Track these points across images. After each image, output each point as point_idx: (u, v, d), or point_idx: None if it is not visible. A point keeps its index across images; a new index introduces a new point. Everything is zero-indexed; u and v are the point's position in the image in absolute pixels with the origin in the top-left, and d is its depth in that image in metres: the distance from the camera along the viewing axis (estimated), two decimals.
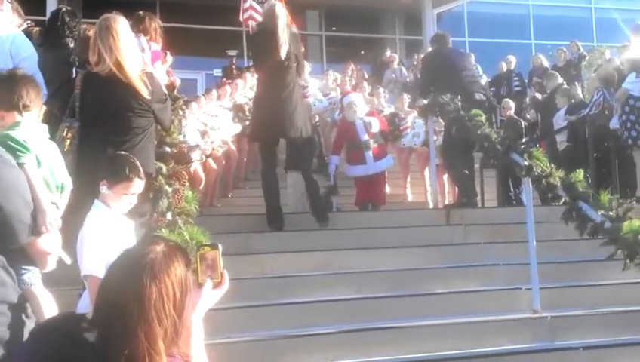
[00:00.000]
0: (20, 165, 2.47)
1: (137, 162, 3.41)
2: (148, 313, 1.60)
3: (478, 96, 7.51)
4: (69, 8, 5.60)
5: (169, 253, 1.70)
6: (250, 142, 9.73)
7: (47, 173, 2.81)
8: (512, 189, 9.39)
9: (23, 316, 2.22)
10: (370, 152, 8.39)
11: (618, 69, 9.16)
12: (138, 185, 3.35)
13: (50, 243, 2.40)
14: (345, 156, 8.84)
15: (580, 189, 4.91)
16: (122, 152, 3.61)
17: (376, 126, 8.49)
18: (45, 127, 2.98)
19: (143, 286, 1.62)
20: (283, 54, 6.21)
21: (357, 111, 8.47)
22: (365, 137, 8.36)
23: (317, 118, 9.80)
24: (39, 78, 3.65)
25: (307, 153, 6.67)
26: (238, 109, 9.59)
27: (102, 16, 4.19)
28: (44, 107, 2.91)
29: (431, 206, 8.50)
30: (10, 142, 2.63)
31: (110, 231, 3.16)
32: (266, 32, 6.32)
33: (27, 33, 4.76)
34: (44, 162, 2.79)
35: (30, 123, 2.82)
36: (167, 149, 4.37)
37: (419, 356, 4.61)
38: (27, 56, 3.86)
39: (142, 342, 1.58)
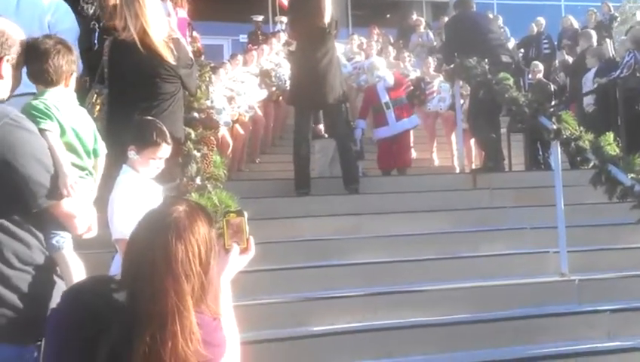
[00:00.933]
0: (41, 131, 2.50)
1: (164, 127, 3.45)
2: (175, 270, 1.64)
3: (505, 58, 7.40)
4: None
5: (192, 212, 1.75)
6: (281, 107, 9.81)
7: (73, 138, 2.84)
8: (540, 153, 9.30)
9: (54, 276, 2.28)
10: (392, 112, 8.40)
11: None
12: (165, 149, 3.39)
13: (74, 205, 2.44)
14: (371, 121, 8.87)
15: (610, 152, 4.85)
16: (150, 117, 3.64)
17: (390, 78, 8.48)
18: (74, 94, 3.02)
19: (168, 244, 1.66)
20: (327, 20, 6.19)
21: (377, 73, 8.47)
22: (386, 98, 8.37)
23: None
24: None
25: (343, 119, 6.67)
26: (264, 75, 9.57)
27: None
28: (75, 73, 2.92)
29: (457, 170, 8.46)
30: (31, 110, 2.67)
31: (139, 195, 3.22)
32: None
33: None
34: (70, 128, 2.83)
35: (57, 91, 2.85)
36: (196, 115, 4.41)
37: (446, 318, 4.66)
38: (64, 29, 3.86)
39: (171, 298, 1.62)
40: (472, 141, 8.90)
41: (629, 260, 5.37)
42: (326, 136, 7.58)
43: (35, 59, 2.77)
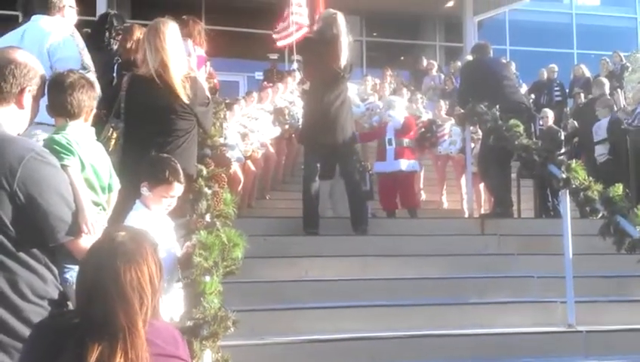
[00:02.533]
0: (64, 167, 2.55)
1: (178, 165, 3.50)
2: (125, 293, 1.72)
3: (519, 105, 7.46)
4: (116, 12, 5.75)
5: (135, 236, 1.84)
6: (293, 144, 9.89)
7: (91, 174, 2.89)
8: (550, 199, 9.29)
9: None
10: (393, 150, 8.46)
11: None
12: (178, 188, 3.44)
13: (90, 241, 2.48)
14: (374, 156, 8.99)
15: (619, 204, 4.85)
16: (164, 155, 3.70)
17: (400, 117, 8.56)
18: (92, 129, 3.08)
19: (117, 268, 1.74)
20: (343, 64, 6.28)
21: (392, 111, 8.60)
22: (390, 135, 8.46)
23: None
24: None
25: (353, 160, 6.73)
26: (278, 112, 9.69)
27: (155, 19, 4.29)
28: (94, 109, 2.99)
29: (466, 214, 8.47)
30: (54, 145, 2.73)
31: (150, 232, 3.26)
32: (326, 40, 6.34)
33: None
34: (89, 164, 2.88)
35: (77, 126, 2.91)
36: (208, 151, 4.46)
37: None
38: (62, 58, 3.91)
39: (120, 320, 1.70)
40: (482, 185, 8.92)
41: (637, 313, 5.32)
42: (326, 175, 7.61)
43: (58, 92, 2.84)
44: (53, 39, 4.02)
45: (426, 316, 5.15)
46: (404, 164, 8.58)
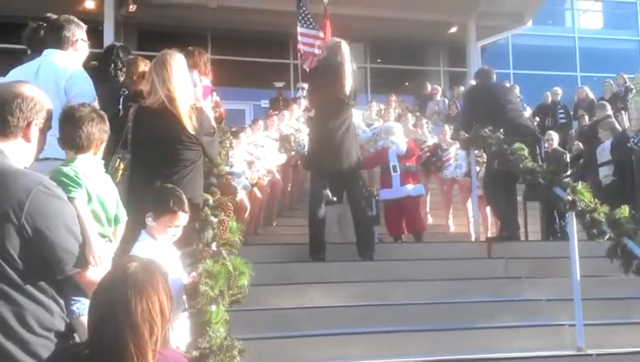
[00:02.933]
0: (70, 199, 2.58)
1: (182, 195, 3.53)
2: (136, 323, 1.75)
3: (524, 129, 7.49)
4: (122, 44, 5.83)
5: (147, 266, 1.87)
6: (299, 171, 9.94)
7: (97, 206, 2.92)
8: (557, 221, 9.27)
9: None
10: (398, 176, 8.50)
11: None
12: (183, 218, 3.46)
13: (99, 275, 2.50)
14: (379, 182, 8.98)
15: (626, 225, 4.84)
16: (169, 185, 3.73)
17: (402, 146, 8.60)
18: (101, 161, 3.12)
19: (129, 299, 1.77)
20: (347, 91, 6.35)
21: (391, 138, 8.66)
22: (394, 162, 8.51)
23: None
24: None
25: (359, 185, 6.75)
26: (284, 140, 9.75)
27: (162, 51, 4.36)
28: (104, 142, 3.04)
29: (473, 238, 8.45)
30: (62, 178, 2.76)
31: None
32: (331, 68, 6.42)
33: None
34: (95, 196, 2.91)
35: (86, 158, 2.94)
36: (214, 180, 4.50)
37: None
38: (78, 93, 3.95)
39: (130, 351, 1.72)
40: (488, 208, 8.92)
41: None
42: (334, 200, 7.63)
43: (69, 124, 2.89)
44: (68, 75, 4.05)
45: (434, 341, 5.12)
46: (411, 189, 8.62)
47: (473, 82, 9.49)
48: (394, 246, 7.88)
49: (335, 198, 7.59)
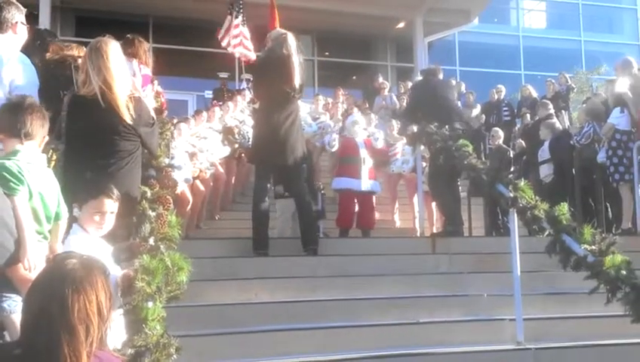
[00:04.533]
0: (9, 195, 2.47)
1: (109, 183, 3.41)
2: (71, 322, 1.67)
3: (458, 125, 7.57)
4: (47, 28, 5.61)
5: (86, 263, 1.79)
6: (243, 164, 9.82)
7: (38, 203, 2.81)
8: (500, 217, 9.43)
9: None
10: (367, 169, 8.47)
11: (606, 103, 9.25)
12: (108, 204, 3.33)
13: (32, 272, 2.38)
14: (336, 171, 8.88)
15: (564, 222, 4.92)
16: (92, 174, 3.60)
17: (381, 141, 8.63)
18: (44, 156, 2.99)
19: (65, 296, 1.69)
20: (296, 84, 6.24)
21: (359, 130, 8.69)
22: (365, 154, 8.46)
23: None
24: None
25: (302, 179, 6.67)
26: (227, 132, 9.62)
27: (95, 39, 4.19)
28: (46, 137, 2.92)
29: (418, 233, 8.51)
30: (3, 172, 2.63)
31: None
32: (277, 60, 6.29)
33: None
34: (37, 193, 2.80)
35: (29, 152, 2.82)
36: (153, 173, 4.35)
37: None
38: (20, 86, 3.82)
39: (63, 351, 1.64)
40: (434, 204, 8.99)
41: (583, 329, 5.39)
42: (286, 195, 7.57)
43: (16, 112, 2.76)
44: (9, 65, 3.90)
45: (377, 336, 5.11)
46: (374, 186, 8.62)
47: (417, 78, 9.62)
48: (339, 241, 7.84)
49: (287, 193, 7.53)
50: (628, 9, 27.24)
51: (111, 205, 3.34)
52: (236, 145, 9.54)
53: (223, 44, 12.65)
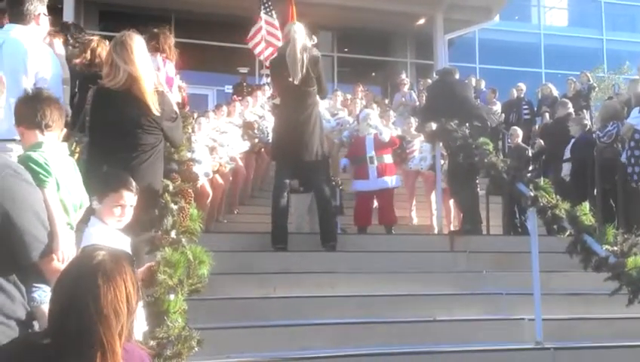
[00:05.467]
0: (41, 187, 2.50)
1: (127, 174, 3.43)
2: (104, 311, 1.71)
3: (476, 123, 7.53)
4: (74, 22, 5.66)
5: (115, 255, 1.83)
6: (263, 159, 9.85)
7: (65, 194, 2.84)
8: (517, 216, 9.37)
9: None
10: (375, 168, 8.44)
11: (628, 102, 9.15)
12: (128, 197, 3.35)
13: (65, 263, 2.42)
14: (352, 172, 8.90)
15: (585, 223, 4.88)
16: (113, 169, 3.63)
17: (387, 134, 8.59)
18: (65, 145, 3.02)
19: (97, 286, 1.73)
20: (297, 80, 6.25)
21: (370, 125, 8.60)
22: (371, 153, 8.44)
23: None
24: (62, 97, 3.68)
25: (321, 174, 6.68)
26: (247, 127, 9.65)
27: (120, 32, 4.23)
28: (64, 129, 2.94)
29: (436, 230, 8.49)
30: (32, 164, 2.66)
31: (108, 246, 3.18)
32: (284, 57, 6.36)
33: None
34: (63, 184, 2.83)
35: (51, 143, 2.85)
36: (175, 166, 4.38)
37: None
38: (44, 78, 3.85)
39: (99, 338, 1.68)
40: (452, 201, 8.96)
41: (603, 330, 5.37)
42: (301, 190, 7.58)
43: (35, 103, 2.80)
44: (34, 57, 3.93)
45: (396, 333, 5.12)
46: (389, 181, 8.58)
47: (435, 77, 9.60)
48: (357, 237, 7.85)
49: (302, 188, 7.54)
50: None
51: (130, 198, 3.36)
52: (256, 140, 9.57)
53: (250, 45, 12.76)
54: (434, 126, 7.59)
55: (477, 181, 7.79)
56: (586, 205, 5.10)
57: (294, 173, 6.97)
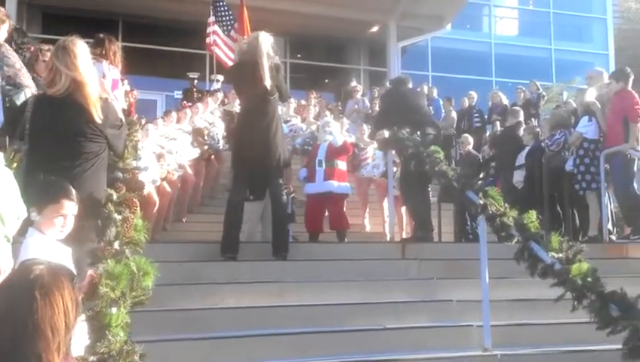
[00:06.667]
0: None
1: (67, 184, 3.34)
2: (41, 327, 1.65)
3: (430, 131, 7.61)
4: (17, 26, 5.50)
5: (54, 269, 1.78)
6: (212, 166, 9.74)
7: (1, 205, 2.73)
8: (469, 223, 9.49)
9: None
10: (322, 171, 8.49)
11: (575, 112, 9.37)
12: (69, 207, 3.26)
13: (1, 275, 2.31)
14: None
15: (532, 230, 4.95)
16: (52, 177, 3.51)
17: (339, 139, 8.63)
18: (1, 155, 2.91)
19: (34, 300, 1.67)
20: (265, 86, 6.23)
21: (328, 132, 8.72)
22: (321, 156, 8.51)
23: None
24: None
25: (278, 181, 6.63)
26: (197, 133, 9.52)
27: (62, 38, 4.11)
28: None
29: (388, 238, 8.52)
30: None
31: (45, 258, 3.07)
32: (248, 63, 6.31)
33: None
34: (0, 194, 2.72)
35: None
36: (119, 175, 4.27)
37: None
38: None
39: (36, 355, 1.63)
40: (404, 208, 9.01)
41: (549, 336, 5.43)
42: (251, 198, 7.51)
43: None
44: None
45: (345, 342, 5.08)
46: (335, 185, 8.60)
47: (388, 86, 9.68)
48: (308, 245, 7.81)
49: (252, 197, 7.47)
50: (597, 18, 27.68)
51: (72, 207, 3.27)
52: (206, 147, 9.45)
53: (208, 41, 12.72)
54: (386, 133, 7.61)
55: (429, 188, 7.85)
56: (533, 213, 5.16)
57: (252, 181, 6.90)
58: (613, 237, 8.03)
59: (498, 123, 13.10)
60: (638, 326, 3.98)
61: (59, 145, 3.92)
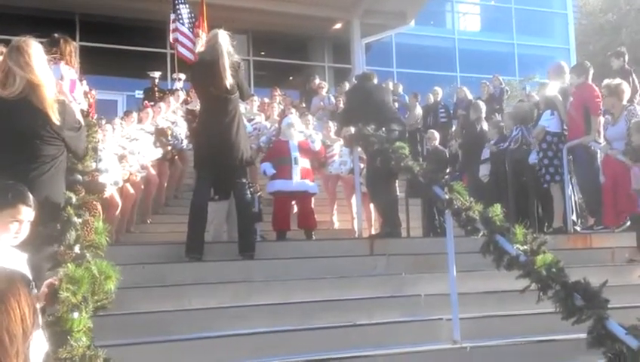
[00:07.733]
0: None
1: (24, 188, 3.24)
2: None
3: (396, 127, 7.62)
4: None
5: (8, 275, 1.74)
6: (176, 166, 9.61)
7: None
8: (437, 218, 9.54)
9: None
10: (299, 169, 8.40)
11: (537, 106, 9.48)
12: (26, 212, 3.16)
13: None
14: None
15: (497, 223, 4.98)
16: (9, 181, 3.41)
17: (318, 144, 8.60)
18: None
19: None
20: (225, 85, 6.17)
21: (295, 132, 8.64)
22: (296, 154, 8.41)
23: None
24: None
25: (243, 180, 6.55)
26: (159, 133, 9.40)
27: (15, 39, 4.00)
28: None
29: (356, 234, 8.51)
30: None
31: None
32: (207, 62, 6.25)
33: None
34: None
35: None
36: (79, 177, 4.18)
37: None
38: None
39: None
40: (372, 205, 9.01)
41: (517, 327, 5.48)
42: (216, 198, 7.43)
43: None
44: None
45: (315, 340, 5.05)
46: (310, 185, 8.56)
47: (353, 82, 9.68)
48: (276, 244, 7.77)
49: (217, 196, 7.40)
50: (558, 13, 28.12)
51: (28, 213, 3.17)
52: (169, 147, 9.33)
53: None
54: (352, 130, 7.60)
55: (396, 184, 7.86)
56: (498, 206, 5.19)
57: (216, 181, 6.82)
58: (578, 228, 8.14)
59: (462, 117, 13.22)
60: (602, 314, 4.02)
61: (14, 148, 3.82)
